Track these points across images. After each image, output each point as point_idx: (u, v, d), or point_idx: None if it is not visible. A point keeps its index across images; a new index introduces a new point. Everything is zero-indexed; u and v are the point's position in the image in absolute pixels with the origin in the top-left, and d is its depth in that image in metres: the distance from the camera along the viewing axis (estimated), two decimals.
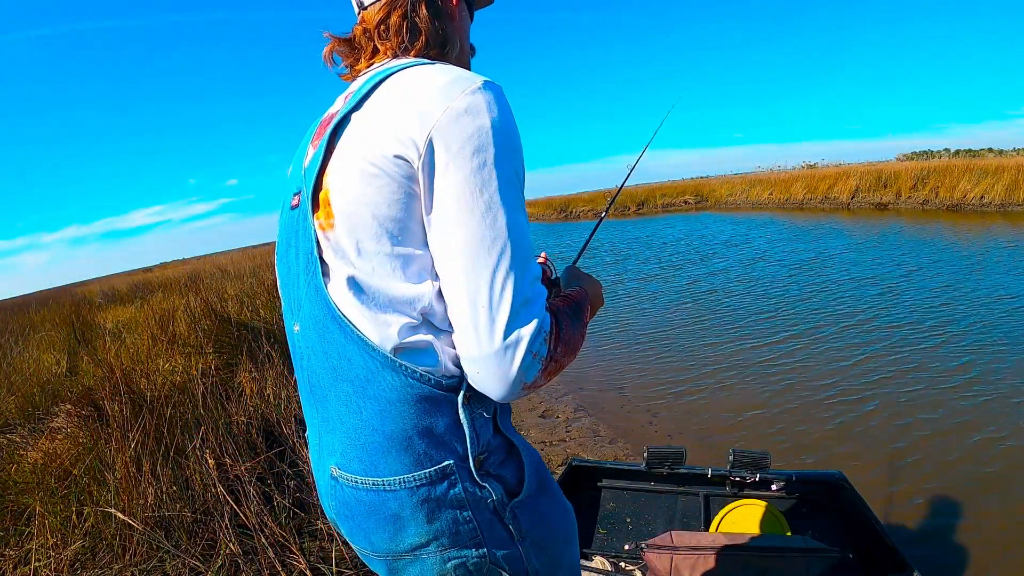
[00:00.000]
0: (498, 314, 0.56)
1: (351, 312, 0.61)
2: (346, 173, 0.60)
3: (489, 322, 0.56)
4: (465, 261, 0.57)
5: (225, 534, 1.75)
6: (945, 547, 1.98)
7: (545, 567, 0.69)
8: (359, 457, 0.62)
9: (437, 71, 0.62)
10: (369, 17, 0.71)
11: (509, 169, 0.58)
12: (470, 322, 0.57)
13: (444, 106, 0.57)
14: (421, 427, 0.61)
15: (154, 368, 3.37)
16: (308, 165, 0.66)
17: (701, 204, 22.53)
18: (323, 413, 0.67)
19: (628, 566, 1.72)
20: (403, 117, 0.58)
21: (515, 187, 0.59)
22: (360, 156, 0.59)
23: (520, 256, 0.58)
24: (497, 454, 0.67)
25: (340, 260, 0.61)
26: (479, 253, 0.56)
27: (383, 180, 0.58)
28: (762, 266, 7.73)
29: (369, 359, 0.60)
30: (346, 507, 0.65)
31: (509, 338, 0.56)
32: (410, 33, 0.69)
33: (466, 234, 0.57)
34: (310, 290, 0.64)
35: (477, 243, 0.56)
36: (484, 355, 0.57)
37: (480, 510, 0.63)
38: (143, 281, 12.58)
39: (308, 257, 0.63)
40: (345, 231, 0.60)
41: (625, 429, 3.22)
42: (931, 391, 3.19)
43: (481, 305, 0.56)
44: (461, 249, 0.57)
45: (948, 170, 13.31)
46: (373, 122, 0.60)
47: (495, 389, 0.59)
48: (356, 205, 0.59)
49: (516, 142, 0.60)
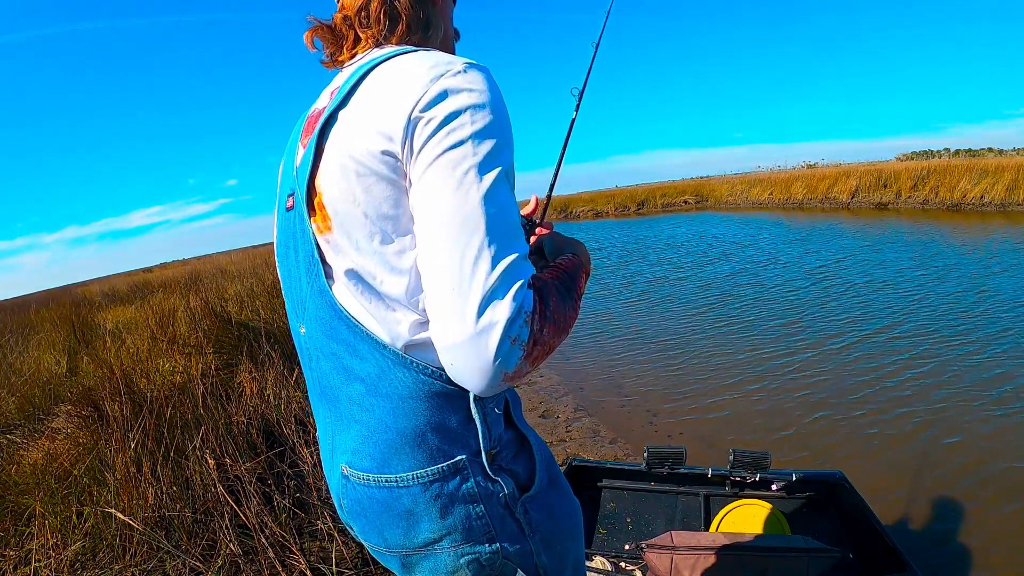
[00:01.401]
0: (469, 295, 0.51)
1: (358, 312, 0.61)
2: (336, 175, 0.59)
3: (460, 305, 0.51)
4: (436, 242, 0.53)
5: (225, 534, 1.75)
6: (945, 547, 1.98)
7: (553, 562, 0.70)
8: (371, 454, 0.62)
9: (418, 58, 0.60)
10: (348, 3, 0.69)
11: (490, 144, 0.55)
12: (440, 306, 0.53)
13: (423, 91, 0.55)
14: (434, 423, 0.61)
15: (154, 368, 3.37)
16: (299, 165, 0.65)
17: (701, 204, 22.53)
18: (335, 413, 0.67)
19: (628, 566, 1.72)
20: (385, 110, 0.57)
21: (497, 162, 0.55)
22: (348, 156, 0.58)
23: (498, 232, 0.53)
24: (509, 448, 0.67)
25: (342, 261, 0.61)
26: (450, 232, 0.53)
27: (372, 179, 0.57)
28: (762, 267, 7.73)
29: (380, 357, 0.60)
30: (359, 505, 0.65)
31: (481, 321, 0.51)
32: (390, 19, 0.68)
33: (437, 213, 0.53)
34: (314, 292, 0.64)
35: (448, 222, 0.53)
36: (456, 342, 0.52)
37: (492, 504, 0.63)
38: (143, 281, 12.58)
39: (309, 260, 0.63)
40: (342, 233, 0.60)
41: (625, 429, 3.22)
42: (932, 391, 3.19)
43: (451, 287, 0.52)
44: (433, 230, 0.54)
45: (948, 170, 13.30)
46: (358, 119, 0.59)
47: (472, 380, 0.54)
48: (349, 206, 0.59)
49: (501, 118, 0.57)
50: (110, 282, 16.18)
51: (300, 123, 0.72)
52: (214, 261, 15.67)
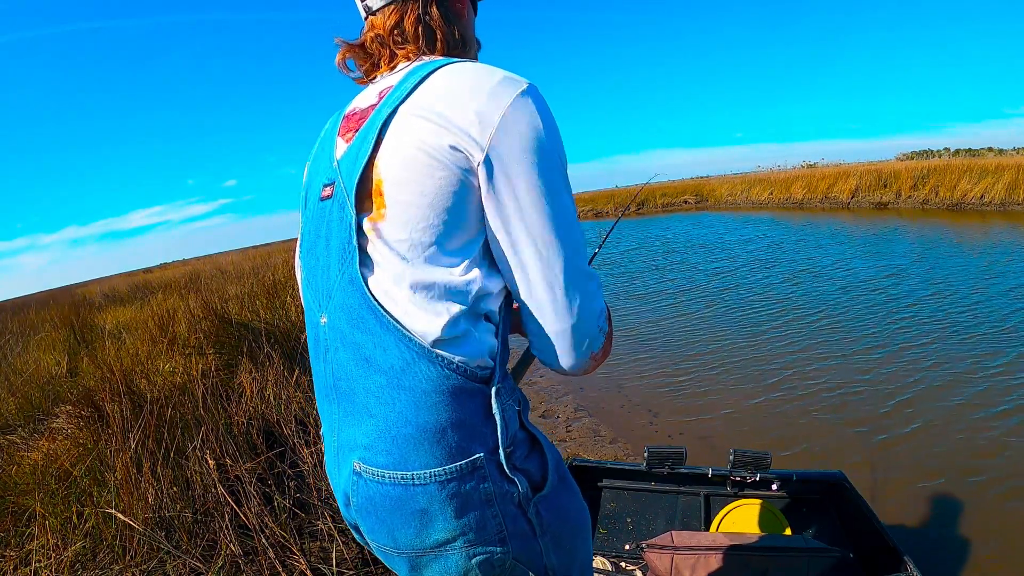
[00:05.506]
0: (574, 296, 0.65)
1: (391, 302, 0.61)
2: (401, 164, 0.61)
3: (568, 302, 0.65)
4: (541, 253, 0.63)
5: (225, 535, 1.75)
6: (946, 547, 1.98)
7: (561, 562, 0.70)
8: (387, 450, 0.62)
9: (484, 70, 0.63)
10: (379, 23, 0.70)
11: (562, 165, 0.64)
12: (550, 302, 0.64)
13: (500, 108, 0.60)
14: (455, 418, 0.61)
15: (154, 369, 3.37)
16: (343, 157, 0.66)
17: (701, 204, 22.54)
18: (347, 407, 0.66)
19: (628, 566, 1.72)
20: (459, 113, 0.60)
21: (567, 181, 0.65)
22: (416, 147, 0.60)
23: (580, 244, 0.65)
24: (522, 448, 0.67)
25: (388, 251, 0.61)
26: (552, 246, 0.63)
27: (441, 171, 0.59)
28: (762, 268, 7.73)
29: (405, 349, 0.60)
30: (370, 502, 0.64)
31: (583, 315, 0.65)
32: (426, 37, 0.70)
33: (538, 231, 0.62)
34: (343, 279, 0.63)
35: (550, 238, 0.62)
36: (562, 329, 0.65)
37: (506, 504, 0.64)
38: (143, 282, 12.59)
39: (344, 246, 0.63)
40: (400, 223, 0.61)
41: (625, 429, 3.22)
42: (932, 391, 3.19)
43: (558, 288, 0.64)
44: (536, 244, 0.62)
45: (948, 169, 13.30)
46: (426, 115, 0.61)
47: (568, 359, 0.68)
48: (413, 195, 0.60)
49: (560, 137, 0.64)
50: (110, 283, 16.19)
51: (335, 122, 0.73)
52: (214, 261, 15.68)
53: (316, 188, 0.70)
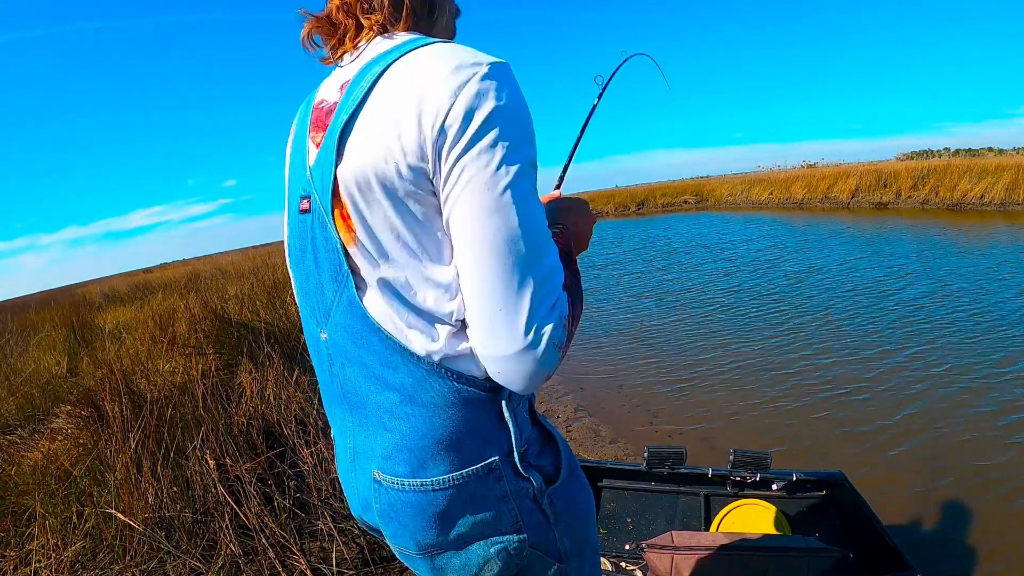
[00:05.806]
0: (519, 315, 0.56)
1: (391, 323, 0.60)
2: (362, 189, 0.58)
3: (511, 323, 0.56)
4: (479, 263, 0.56)
5: (226, 535, 1.75)
6: (946, 546, 1.98)
7: (574, 546, 0.72)
8: (406, 460, 0.62)
9: (438, 57, 0.57)
10: None
11: (522, 156, 0.56)
12: (489, 324, 0.57)
13: (450, 102, 0.53)
14: (469, 428, 0.62)
15: (154, 369, 3.37)
16: (314, 166, 0.63)
17: (701, 204, 22.53)
18: (360, 419, 0.66)
19: (629, 566, 1.72)
20: (410, 123, 0.55)
21: (529, 176, 0.57)
22: (374, 172, 0.57)
23: (536, 248, 0.57)
24: (535, 444, 0.69)
25: (374, 272, 0.60)
26: (493, 255, 0.55)
27: (401, 195, 0.57)
28: (763, 267, 7.73)
29: (415, 368, 0.60)
30: (391, 508, 0.65)
31: (530, 336, 0.56)
32: (393, 5, 0.64)
33: (479, 235, 0.55)
34: (342, 301, 0.62)
35: (490, 245, 0.55)
36: (507, 355, 0.57)
37: (521, 499, 0.65)
38: (143, 282, 12.58)
39: (336, 268, 0.62)
40: (373, 246, 0.59)
41: (625, 429, 3.22)
42: (932, 390, 3.19)
43: (499, 307, 0.56)
44: (475, 251, 0.56)
45: (948, 169, 13.30)
46: (381, 130, 0.57)
47: (519, 385, 0.59)
48: (377, 220, 0.58)
49: (526, 125, 0.57)
50: (110, 283, 16.19)
51: (305, 114, 0.69)
52: (214, 261, 15.68)
53: (295, 197, 0.67)
